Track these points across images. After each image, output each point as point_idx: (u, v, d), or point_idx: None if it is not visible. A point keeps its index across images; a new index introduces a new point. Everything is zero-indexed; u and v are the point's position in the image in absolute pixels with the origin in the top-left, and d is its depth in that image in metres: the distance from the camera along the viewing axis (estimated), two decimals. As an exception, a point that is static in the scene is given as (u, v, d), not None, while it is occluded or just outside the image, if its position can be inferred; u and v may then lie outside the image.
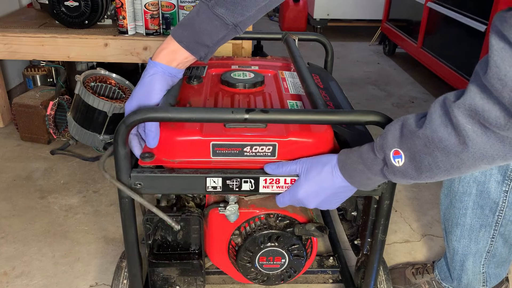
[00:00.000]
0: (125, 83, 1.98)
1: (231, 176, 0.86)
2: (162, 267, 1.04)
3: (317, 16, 4.10)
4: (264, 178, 0.87)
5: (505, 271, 1.19)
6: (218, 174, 0.86)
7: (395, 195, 0.97)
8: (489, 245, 1.11)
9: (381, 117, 0.83)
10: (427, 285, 1.26)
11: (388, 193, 0.92)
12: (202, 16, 0.87)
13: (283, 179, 0.87)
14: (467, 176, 1.07)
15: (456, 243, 1.14)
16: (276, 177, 0.87)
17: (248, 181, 0.87)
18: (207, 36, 0.88)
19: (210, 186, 0.87)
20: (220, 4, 0.86)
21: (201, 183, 0.86)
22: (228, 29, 0.88)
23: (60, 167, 1.88)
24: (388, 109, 2.60)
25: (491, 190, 1.05)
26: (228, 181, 0.87)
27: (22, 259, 1.39)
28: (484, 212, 1.08)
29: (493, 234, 1.10)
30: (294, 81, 1.16)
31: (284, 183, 0.88)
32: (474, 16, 2.32)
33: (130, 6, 1.87)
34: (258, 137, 0.88)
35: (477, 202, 1.07)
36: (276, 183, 0.88)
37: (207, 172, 0.86)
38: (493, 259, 1.13)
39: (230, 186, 0.87)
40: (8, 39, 1.95)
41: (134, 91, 0.91)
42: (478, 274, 1.15)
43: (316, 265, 1.29)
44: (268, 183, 0.88)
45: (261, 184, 0.88)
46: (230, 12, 0.87)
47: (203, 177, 0.86)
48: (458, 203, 1.10)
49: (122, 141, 0.82)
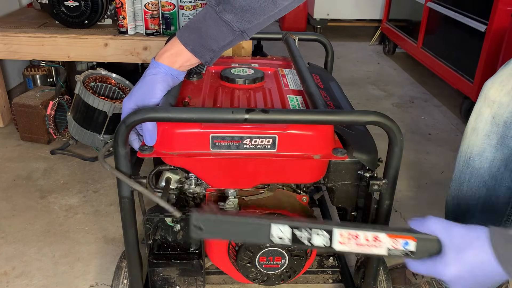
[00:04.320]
0: (125, 83, 1.98)
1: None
2: (162, 267, 1.04)
3: (317, 16, 4.10)
4: (340, 233, 0.71)
5: None
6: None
7: (395, 195, 0.97)
8: None
9: (381, 117, 0.83)
10: (427, 285, 1.26)
11: (388, 193, 0.92)
12: (209, 21, 0.87)
13: (363, 235, 0.71)
14: (477, 179, 1.04)
15: None
16: None
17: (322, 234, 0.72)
18: (213, 40, 0.88)
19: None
20: (228, 10, 0.85)
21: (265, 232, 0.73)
22: (235, 35, 0.88)
23: (60, 167, 1.88)
24: (388, 109, 2.60)
25: (500, 195, 1.04)
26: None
27: (22, 259, 1.39)
28: (492, 216, 1.07)
29: None
30: (294, 77, 1.17)
31: (364, 240, 0.71)
32: (474, 16, 2.32)
33: (130, 6, 1.87)
34: (258, 129, 0.88)
35: (486, 206, 1.06)
36: (354, 238, 0.72)
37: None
38: None
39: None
40: (8, 39, 1.95)
41: (134, 90, 0.91)
42: None
43: (316, 265, 1.29)
44: (346, 238, 0.71)
45: (336, 239, 0.72)
46: (238, 19, 0.86)
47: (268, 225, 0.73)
48: (466, 206, 1.09)
49: (122, 141, 0.83)
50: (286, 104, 1.02)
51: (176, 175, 1.03)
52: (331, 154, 0.91)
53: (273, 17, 0.90)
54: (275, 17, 0.90)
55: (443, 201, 1.72)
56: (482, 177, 1.05)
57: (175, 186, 1.04)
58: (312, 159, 0.91)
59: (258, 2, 0.84)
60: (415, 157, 2.06)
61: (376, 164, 0.95)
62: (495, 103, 0.99)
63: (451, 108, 2.60)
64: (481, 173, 1.04)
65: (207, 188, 1.05)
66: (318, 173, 0.98)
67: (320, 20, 4.12)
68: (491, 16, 2.15)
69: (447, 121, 2.46)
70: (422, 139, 2.24)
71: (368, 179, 0.95)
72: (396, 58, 3.57)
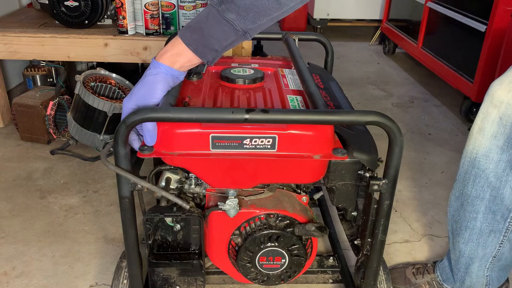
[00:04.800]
0: (125, 83, 1.98)
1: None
2: (162, 267, 1.04)
3: (317, 16, 4.10)
4: None
5: (507, 274, 1.18)
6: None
7: (395, 195, 0.97)
8: (496, 250, 1.10)
9: (381, 117, 0.83)
10: (427, 285, 1.26)
11: (388, 193, 0.92)
12: (212, 20, 0.86)
13: None
14: (482, 180, 1.05)
15: (463, 246, 1.13)
16: None
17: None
18: (216, 40, 0.87)
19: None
20: (231, 10, 0.84)
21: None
22: (237, 35, 0.87)
23: (60, 167, 1.88)
24: (388, 109, 2.60)
25: (505, 196, 1.03)
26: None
27: (22, 259, 1.39)
28: (495, 218, 1.06)
29: (502, 240, 1.08)
30: (294, 77, 1.17)
31: None
32: (474, 16, 2.32)
33: (130, 6, 1.87)
34: (258, 129, 0.88)
35: (490, 207, 1.06)
36: None
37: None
38: (498, 263, 1.13)
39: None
40: (8, 39, 1.95)
41: (134, 89, 0.91)
42: (482, 278, 1.15)
43: (316, 265, 1.29)
44: None
45: None
46: (241, 18, 0.85)
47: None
48: (470, 206, 1.09)
49: (122, 141, 0.83)
50: (286, 104, 1.02)
51: (176, 175, 1.03)
52: (331, 154, 0.91)
53: (276, 18, 0.89)
54: (278, 18, 0.89)
55: (443, 201, 1.73)
56: (487, 178, 1.04)
57: (175, 186, 1.04)
58: (312, 159, 0.91)
59: (262, 2, 0.83)
60: (415, 157, 2.06)
61: (376, 164, 0.94)
62: (503, 104, 0.98)
63: (451, 108, 2.60)
64: (486, 174, 1.04)
65: (207, 188, 1.05)
66: (318, 173, 0.98)
67: (320, 20, 4.13)
68: (491, 16, 2.15)
69: (447, 121, 2.46)
70: (422, 139, 2.24)
71: (368, 179, 0.95)
72: (396, 58, 3.57)
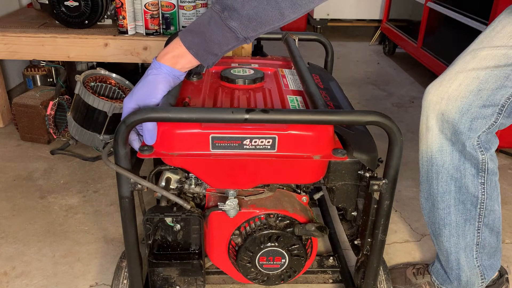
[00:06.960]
0: (125, 83, 1.98)
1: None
2: (162, 267, 1.04)
3: (317, 16, 4.10)
4: None
5: (498, 261, 1.19)
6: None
7: (395, 195, 0.97)
8: (476, 237, 1.13)
9: (381, 117, 0.83)
10: (427, 286, 1.26)
11: (388, 193, 0.92)
12: (214, 26, 0.86)
13: None
14: (444, 175, 1.09)
15: (447, 244, 1.15)
16: None
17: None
18: (216, 45, 0.88)
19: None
20: (234, 18, 0.84)
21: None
22: (238, 41, 0.88)
23: (60, 167, 1.88)
24: (388, 109, 2.60)
25: (468, 185, 1.08)
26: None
27: (22, 259, 1.39)
28: (466, 206, 1.10)
29: (478, 226, 1.12)
30: (294, 78, 1.17)
31: None
32: (474, 16, 2.32)
33: (130, 6, 1.87)
34: (258, 130, 0.88)
35: (458, 198, 1.10)
36: None
37: None
38: (484, 250, 1.15)
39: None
40: (8, 39, 1.94)
41: (135, 89, 0.91)
42: (474, 269, 1.16)
43: (316, 265, 1.29)
44: None
45: None
46: (244, 27, 0.85)
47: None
48: (441, 203, 1.12)
49: (122, 140, 0.83)
50: (286, 104, 1.02)
51: (176, 175, 1.03)
52: (331, 154, 0.91)
53: (277, 27, 0.90)
54: (279, 26, 0.90)
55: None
56: (447, 171, 1.08)
57: (175, 186, 1.04)
58: (312, 160, 0.91)
59: (266, 12, 0.83)
60: (415, 157, 2.06)
61: (376, 164, 0.94)
62: (443, 100, 1.04)
63: (451, 108, 2.60)
64: (446, 168, 1.08)
65: (207, 188, 1.05)
66: (318, 173, 0.97)
67: (320, 20, 4.13)
68: (491, 16, 2.15)
69: (447, 121, 2.46)
70: (422, 139, 2.24)
71: (368, 179, 0.95)
72: (396, 58, 3.57)
